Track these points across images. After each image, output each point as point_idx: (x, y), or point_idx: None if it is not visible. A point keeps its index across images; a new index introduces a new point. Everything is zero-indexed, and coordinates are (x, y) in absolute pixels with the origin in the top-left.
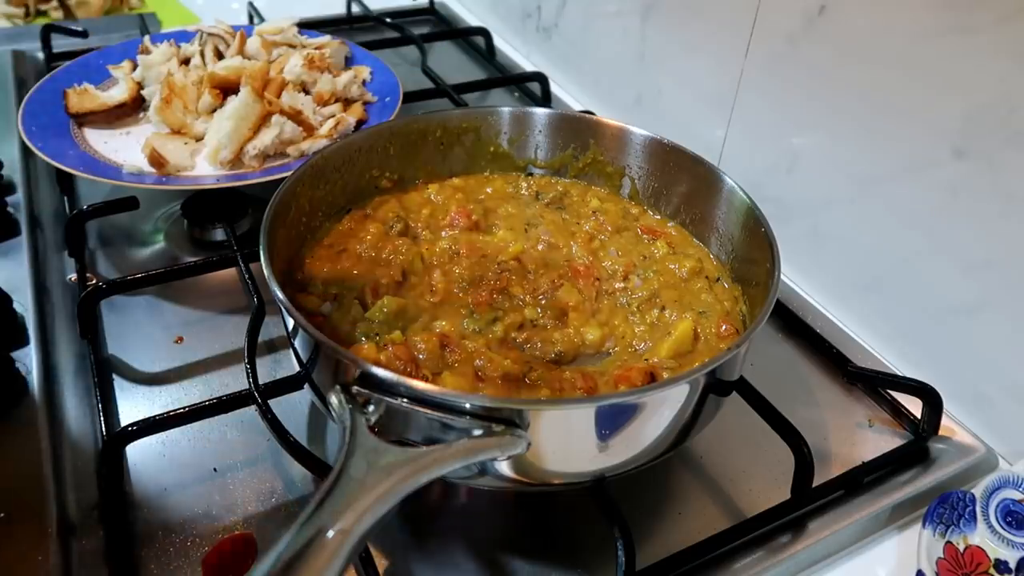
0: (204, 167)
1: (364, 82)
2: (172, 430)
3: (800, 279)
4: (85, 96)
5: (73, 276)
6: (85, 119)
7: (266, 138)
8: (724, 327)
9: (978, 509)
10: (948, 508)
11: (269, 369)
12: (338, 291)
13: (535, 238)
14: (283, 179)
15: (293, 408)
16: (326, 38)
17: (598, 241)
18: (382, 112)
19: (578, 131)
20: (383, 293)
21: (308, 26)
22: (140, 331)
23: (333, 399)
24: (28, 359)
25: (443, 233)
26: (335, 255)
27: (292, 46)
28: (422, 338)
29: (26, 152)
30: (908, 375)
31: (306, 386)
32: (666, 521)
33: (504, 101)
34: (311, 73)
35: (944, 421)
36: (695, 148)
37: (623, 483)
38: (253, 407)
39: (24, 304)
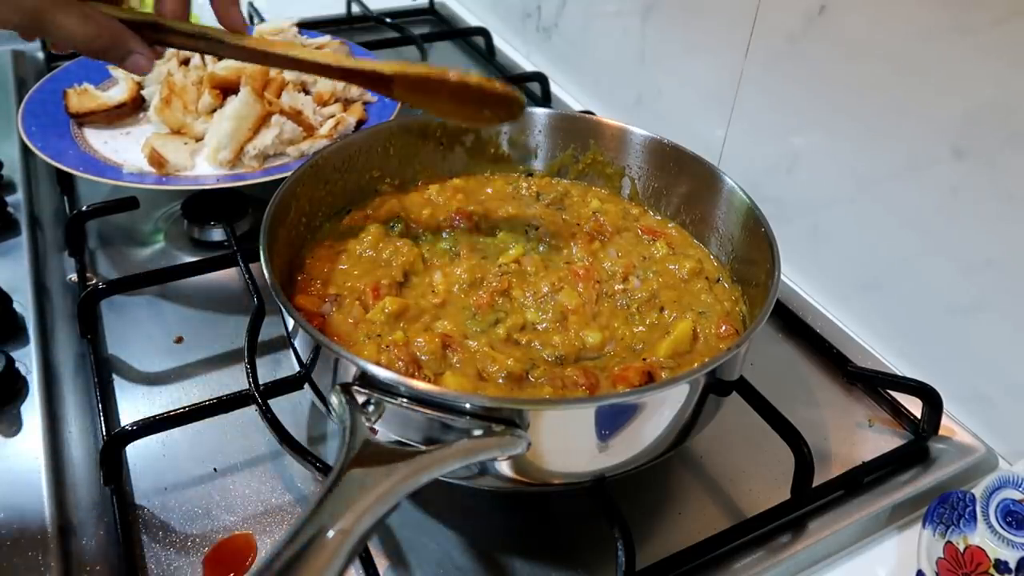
0: (204, 167)
1: None
2: (172, 430)
3: (800, 279)
4: (85, 96)
5: (73, 276)
6: (85, 119)
7: (266, 138)
8: (724, 327)
9: (978, 509)
10: (948, 508)
11: (269, 369)
12: (338, 291)
13: (535, 239)
14: (283, 179)
15: (293, 408)
16: (326, 38)
17: (598, 242)
18: (382, 112)
19: (578, 131)
20: (384, 294)
21: (308, 26)
22: (140, 331)
23: (333, 399)
24: (28, 359)
25: (443, 234)
26: (335, 255)
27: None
28: (424, 338)
29: (26, 152)
30: (908, 375)
31: (306, 386)
32: (666, 521)
33: None
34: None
35: (944, 421)
36: (695, 148)
37: (623, 483)
38: (253, 407)
39: (24, 304)
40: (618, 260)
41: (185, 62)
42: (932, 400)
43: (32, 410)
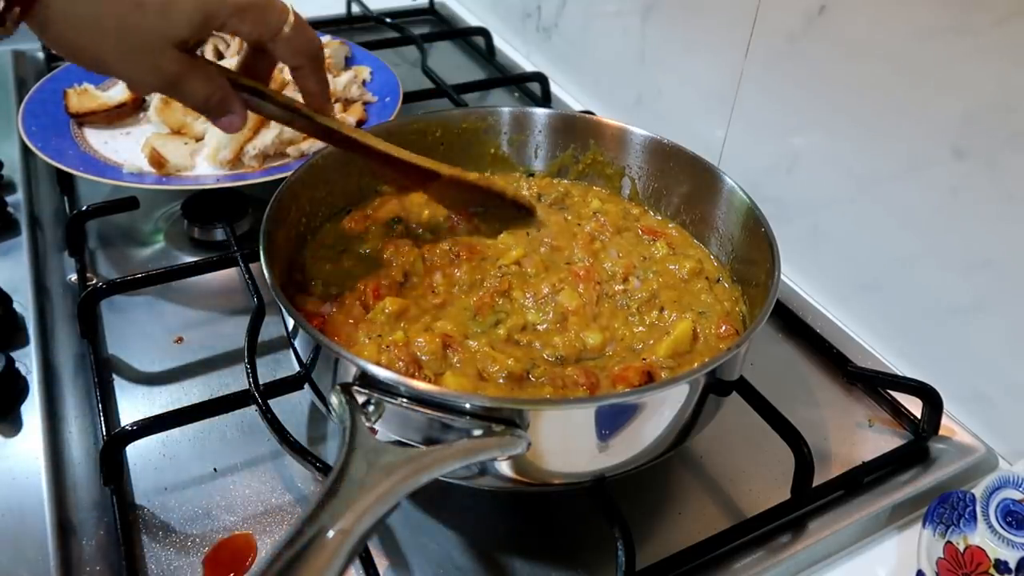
0: (204, 167)
1: (364, 82)
2: (172, 430)
3: (800, 279)
4: (85, 96)
5: (73, 276)
6: (85, 119)
7: (266, 138)
8: (724, 327)
9: (978, 509)
10: (948, 508)
11: (269, 369)
12: (338, 292)
13: (536, 240)
14: (283, 179)
15: (293, 408)
16: (326, 38)
17: (599, 242)
18: (382, 112)
19: (578, 131)
20: (384, 294)
21: None
22: (140, 331)
23: (333, 399)
24: (28, 359)
25: (444, 234)
26: (336, 255)
27: None
28: (425, 338)
29: (26, 152)
30: (908, 375)
31: (306, 386)
32: (666, 521)
33: (504, 101)
34: None
35: (944, 421)
36: (695, 148)
37: (623, 483)
38: (253, 407)
39: (24, 304)
40: (618, 260)
41: None
42: (932, 400)
43: (32, 410)
